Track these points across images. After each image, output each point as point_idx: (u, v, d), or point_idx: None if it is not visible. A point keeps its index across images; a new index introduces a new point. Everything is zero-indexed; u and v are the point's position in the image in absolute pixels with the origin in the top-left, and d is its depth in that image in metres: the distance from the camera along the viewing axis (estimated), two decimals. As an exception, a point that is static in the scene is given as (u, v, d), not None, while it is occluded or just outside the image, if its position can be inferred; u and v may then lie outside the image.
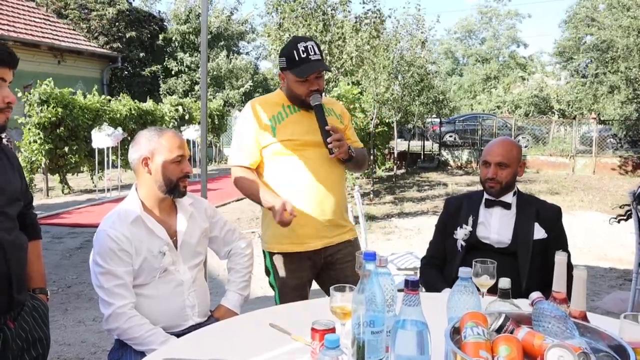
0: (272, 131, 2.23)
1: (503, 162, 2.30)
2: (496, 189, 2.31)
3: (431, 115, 18.03)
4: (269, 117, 2.25)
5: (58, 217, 8.02)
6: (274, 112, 2.26)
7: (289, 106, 2.28)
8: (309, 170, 2.24)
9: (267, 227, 2.36)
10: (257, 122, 2.25)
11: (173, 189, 1.96)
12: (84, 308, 4.31)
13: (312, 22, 8.19)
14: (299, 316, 1.75)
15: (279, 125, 2.24)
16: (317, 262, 2.32)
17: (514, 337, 1.17)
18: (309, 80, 2.18)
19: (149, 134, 1.97)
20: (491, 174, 2.30)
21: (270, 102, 2.31)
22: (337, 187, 2.33)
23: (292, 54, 2.17)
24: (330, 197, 2.27)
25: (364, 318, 1.28)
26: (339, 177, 2.36)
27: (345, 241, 2.35)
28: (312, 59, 2.16)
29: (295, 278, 2.30)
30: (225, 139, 18.04)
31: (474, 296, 1.38)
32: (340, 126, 2.36)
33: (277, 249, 2.31)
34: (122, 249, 1.88)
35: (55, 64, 16.04)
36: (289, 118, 2.26)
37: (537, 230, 2.27)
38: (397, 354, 1.17)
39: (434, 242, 2.52)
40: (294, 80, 2.20)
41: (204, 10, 3.32)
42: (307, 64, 2.16)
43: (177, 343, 1.71)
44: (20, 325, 1.70)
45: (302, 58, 2.16)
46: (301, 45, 2.17)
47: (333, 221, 2.30)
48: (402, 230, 7.38)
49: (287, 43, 2.28)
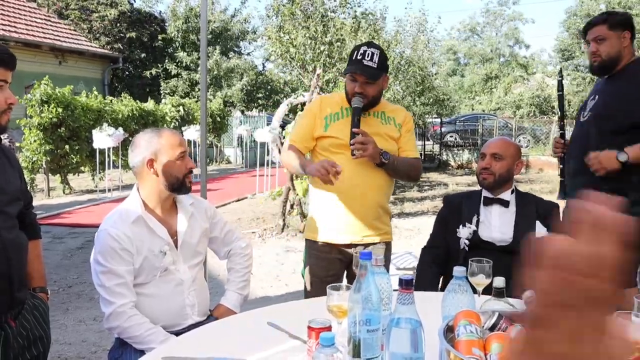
0: (324, 126, 2.39)
1: (498, 154, 2.34)
2: (489, 180, 2.33)
3: (432, 116, 18.04)
4: (327, 114, 2.41)
5: (59, 217, 8.05)
6: (333, 110, 2.42)
7: (346, 108, 2.40)
8: (349, 171, 2.31)
9: (309, 215, 2.57)
10: (316, 114, 2.43)
11: (180, 185, 1.99)
12: (84, 308, 4.33)
13: (311, 25, 8.22)
14: (296, 315, 1.77)
15: (332, 123, 2.39)
16: (348, 258, 2.42)
17: (506, 335, 1.18)
18: (357, 81, 2.29)
19: (148, 136, 1.99)
20: (485, 164, 2.34)
21: (333, 101, 2.48)
22: (376, 191, 2.41)
23: (352, 54, 2.34)
24: (366, 198, 2.37)
25: (360, 317, 1.30)
26: (380, 182, 2.41)
27: (376, 242, 2.43)
28: (364, 63, 2.27)
29: (323, 269, 2.42)
30: (226, 139, 18.06)
31: (468, 295, 1.40)
32: (396, 134, 2.44)
33: (309, 236, 2.49)
34: (123, 248, 1.90)
35: (57, 64, 16.08)
36: (344, 120, 2.38)
37: (538, 227, 2.27)
38: (392, 351, 1.19)
39: (434, 233, 2.53)
40: (347, 78, 2.37)
41: (204, 10, 3.34)
42: (356, 65, 2.29)
43: (175, 341, 1.73)
44: (21, 323, 1.72)
45: (357, 60, 2.29)
46: (362, 48, 2.31)
47: (366, 221, 2.40)
48: (402, 230, 7.39)
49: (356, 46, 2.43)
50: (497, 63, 36.23)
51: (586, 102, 2.64)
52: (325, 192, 2.37)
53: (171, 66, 20.62)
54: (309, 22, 8.28)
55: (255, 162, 11.55)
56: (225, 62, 20.60)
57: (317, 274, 2.44)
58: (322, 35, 8.26)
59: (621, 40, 2.45)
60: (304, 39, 8.05)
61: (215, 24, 21.66)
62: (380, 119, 2.42)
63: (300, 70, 8.42)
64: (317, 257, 2.45)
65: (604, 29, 2.45)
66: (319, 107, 2.44)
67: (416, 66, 11.41)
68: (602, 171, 2.36)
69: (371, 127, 2.33)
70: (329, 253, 2.42)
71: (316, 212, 2.48)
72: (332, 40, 8.29)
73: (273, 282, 5.01)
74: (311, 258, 2.48)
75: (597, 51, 2.47)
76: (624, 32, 2.45)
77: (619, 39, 2.45)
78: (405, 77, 11.10)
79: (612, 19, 2.46)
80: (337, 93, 2.60)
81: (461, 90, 35.21)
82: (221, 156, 18.00)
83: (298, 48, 8.13)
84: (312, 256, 2.47)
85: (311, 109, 2.48)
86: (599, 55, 2.47)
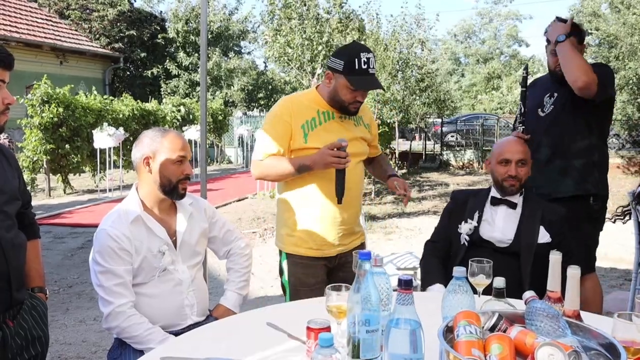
0: (303, 137, 2.21)
1: (523, 159, 2.31)
2: (516, 187, 2.30)
3: (433, 116, 18.02)
4: (302, 122, 2.22)
5: (60, 217, 8.05)
6: (307, 116, 2.23)
7: (323, 112, 2.25)
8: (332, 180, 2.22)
9: (282, 226, 2.38)
10: (290, 122, 2.22)
11: (172, 190, 1.96)
12: (85, 308, 4.33)
13: (307, 26, 8.23)
14: (295, 315, 1.76)
15: (311, 132, 2.22)
16: (331, 264, 2.38)
17: (506, 336, 1.18)
18: (359, 91, 2.19)
19: (153, 134, 1.98)
20: (514, 172, 2.28)
21: (304, 105, 2.27)
22: (357, 198, 2.40)
23: (352, 61, 2.13)
24: (350, 207, 2.32)
25: (359, 317, 1.29)
26: (359, 187, 2.42)
27: (357, 245, 2.41)
28: (370, 73, 2.15)
29: (311, 276, 2.33)
30: (227, 139, 18.06)
31: (468, 295, 1.39)
32: (368, 136, 2.40)
33: (293, 250, 2.33)
34: (122, 248, 1.89)
35: (58, 64, 16.10)
36: (322, 126, 2.24)
37: (541, 234, 2.26)
38: (391, 352, 1.18)
39: (439, 227, 2.52)
40: (344, 86, 2.16)
41: (204, 10, 3.33)
42: (366, 78, 2.14)
43: (174, 341, 1.73)
44: (20, 323, 1.72)
45: (362, 69, 2.12)
46: (364, 56, 2.13)
47: (349, 229, 2.37)
48: (403, 230, 7.39)
49: (349, 48, 2.26)
50: (499, 62, 36.21)
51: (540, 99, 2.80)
52: (311, 197, 2.26)
53: (172, 66, 20.64)
54: (305, 24, 8.28)
55: (256, 162, 11.53)
56: (226, 63, 20.60)
57: (304, 282, 2.32)
58: (318, 36, 8.27)
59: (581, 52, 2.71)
60: (301, 40, 8.06)
61: (216, 25, 21.67)
62: (354, 121, 2.33)
63: (298, 71, 8.43)
64: (303, 266, 2.32)
65: None
66: (290, 114, 2.22)
67: (414, 65, 11.38)
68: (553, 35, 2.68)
69: (349, 132, 2.26)
70: (316, 261, 2.33)
71: (301, 220, 2.30)
72: (329, 40, 8.30)
73: (273, 282, 5.00)
74: (296, 267, 2.33)
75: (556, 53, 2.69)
76: (580, 46, 2.72)
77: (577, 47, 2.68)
78: (404, 76, 11.09)
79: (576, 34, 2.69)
80: (304, 94, 2.34)
81: (461, 90, 35.19)
82: (222, 156, 18.01)
83: (295, 49, 8.14)
84: (297, 265, 2.33)
85: (281, 117, 2.23)
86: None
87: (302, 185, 2.28)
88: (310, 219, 2.29)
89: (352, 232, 2.39)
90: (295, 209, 2.31)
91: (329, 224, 2.29)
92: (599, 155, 2.75)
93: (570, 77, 2.56)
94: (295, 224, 2.31)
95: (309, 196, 2.27)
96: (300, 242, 2.31)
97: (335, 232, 2.31)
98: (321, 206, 2.27)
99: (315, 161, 2.15)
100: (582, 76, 2.51)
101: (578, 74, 2.53)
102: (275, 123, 2.25)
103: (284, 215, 2.36)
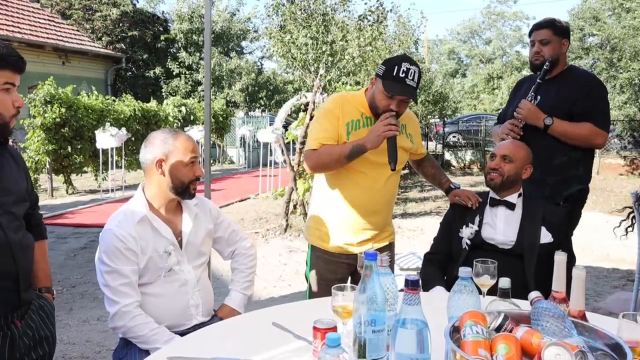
0: (346, 133, 2.28)
1: (508, 156, 2.33)
2: (496, 181, 2.32)
3: (434, 116, 18.01)
4: (348, 120, 2.28)
5: (62, 217, 8.07)
6: (353, 116, 2.29)
7: (367, 117, 2.30)
8: (365, 187, 2.32)
9: (311, 219, 2.49)
10: (339, 117, 2.28)
11: (184, 190, 1.99)
12: (88, 307, 4.34)
13: (312, 24, 8.22)
14: (301, 315, 1.77)
15: (353, 131, 2.28)
16: (355, 262, 2.38)
17: (512, 336, 1.18)
18: (394, 99, 2.19)
19: (164, 136, 1.99)
20: (494, 165, 2.33)
21: (353, 105, 2.33)
22: (388, 204, 2.46)
23: (393, 67, 2.17)
24: (379, 214, 2.39)
25: (365, 317, 1.30)
26: (392, 195, 2.47)
27: (383, 245, 2.45)
28: (407, 83, 2.17)
29: (331, 272, 2.41)
30: (229, 140, 18.07)
31: (474, 295, 1.39)
32: (409, 145, 2.42)
33: (317, 244, 2.43)
34: (128, 248, 1.90)
35: (60, 64, 16.12)
36: (365, 129, 2.27)
37: (543, 234, 2.27)
38: (398, 352, 1.19)
39: (437, 238, 2.54)
40: (381, 91, 2.21)
41: (207, 9, 3.34)
42: (400, 84, 2.16)
43: (180, 341, 1.73)
44: (27, 323, 1.73)
45: (399, 77, 2.16)
46: (405, 65, 2.16)
47: (381, 226, 2.43)
48: (405, 230, 7.40)
49: (395, 56, 2.32)
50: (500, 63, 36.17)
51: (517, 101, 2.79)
52: (342, 199, 2.33)
53: (173, 66, 20.65)
54: (310, 21, 8.26)
55: (258, 162, 11.57)
56: (227, 63, 20.62)
57: (325, 277, 2.40)
58: (323, 35, 8.25)
59: (561, 46, 2.74)
60: (305, 38, 8.04)
61: (218, 25, 21.69)
62: None
63: (302, 71, 8.42)
64: (325, 261, 2.41)
65: (550, 33, 2.72)
66: (341, 109, 2.29)
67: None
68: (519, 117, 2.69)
69: None
70: (338, 257, 2.40)
71: (329, 218, 2.39)
72: (335, 40, 8.28)
73: (276, 282, 5.01)
74: (319, 261, 2.44)
75: (540, 52, 2.73)
76: (564, 40, 2.75)
77: (560, 44, 2.74)
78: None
79: (557, 26, 2.74)
80: (354, 95, 2.39)
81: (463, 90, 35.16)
82: (224, 156, 18.02)
83: (300, 48, 8.12)
84: (321, 259, 2.43)
85: (332, 111, 2.30)
86: (542, 55, 2.73)
87: (335, 184, 2.36)
88: (337, 219, 2.38)
89: (382, 230, 2.44)
90: (325, 206, 2.42)
91: (355, 226, 2.36)
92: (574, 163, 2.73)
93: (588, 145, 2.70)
94: (322, 220, 2.41)
95: (340, 198, 2.35)
96: (325, 237, 2.40)
97: (360, 234, 2.38)
98: (350, 210, 2.34)
99: (367, 139, 2.17)
100: (595, 141, 2.68)
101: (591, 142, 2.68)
102: (328, 116, 2.31)
103: (314, 210, 2.48)
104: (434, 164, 2.68)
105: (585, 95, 2.67)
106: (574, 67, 2.91)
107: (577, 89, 2.69)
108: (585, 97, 2.66)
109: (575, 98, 2.66)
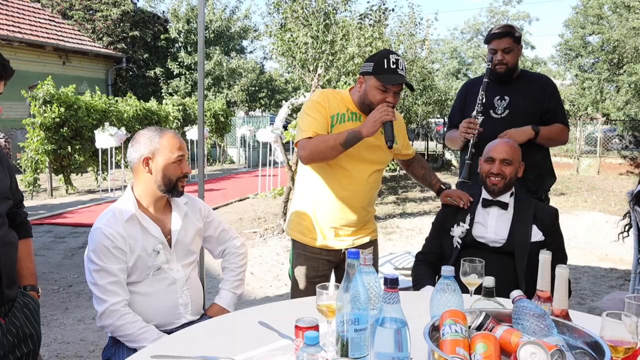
0: (330, 126, 2.28)
1: (507, 159, 2.32)
2: (500, 185, 2.31)
3: (435, 116, 17.98)
4: (333, 113, 2.29)
5: (61, 217, 8.07)
6: (338, 110, 2.30)
7: (352, 113, 2.31)
8: (346, 183, 2.31)
9: (293, 212, 2.48)
10: (326, 109, 2.29)
11: (172, 188, 1.99)
12: (84, 307, 4.34)
13: (313, 22, 8.20)
14: (287, 314, 1.77)
15: (337, 125, 2.28)
16: (336, 259, 2.42)
17: (491, 335, 1.18)
18: (389, 91, 2.20)
19: (150, 134, 1.99)
20: (496, 170, 2.31)
21: (338, 100, 2.34)
22: (370, 201, 2.44)
23: (381, 61, 2.19)
24: (362, 210, 2.39)
25: (348, 316, 1.30)
26: (374, 192, 2.45)
27: (365, 242, 2.45)
28: (399, 72, 2.20)
29: (312, 270, 2.40)
30: (229, 139, 18.08)
31: (456, 294, 1.39)
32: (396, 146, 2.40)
33: (298, 238, 2.42)
34: (116, 247, 1.90)
35: (60, 64, 16.15)
36: (348, 123, 2.28)
37: (534, 232, 2.28)
38: (377, 351, 1.19)
39: (429, 238, 2.54)
40: (374, 87, 2.21)
41: (201, 9, 3.34)
42: (394, 75, 2.19)
43: (166, 340, 1.73)
44: (11, 321, 1.73)
45: (391, 68, 2.18)
46: (393, 57, 2.20)
47: (362, 223, 2.43)
48: (403, 230, 7.39)
49: (379, 52, 2.34)
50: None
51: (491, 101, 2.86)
52: (323, 194, 2.33)
53: (173, 66, 20.65)
54: (311, 20, 8.24)
55: (258, 162, 11.56)
56: (227, 63, 20.61)
57: (306, 274, 2.40)
58: (323, 34, 8.23)
59: (519, 52, 2.87)
60: (305, 37, 8.02)
61: (217, 23, 21.67)
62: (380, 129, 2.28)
63: (301, 70, 8.40)
64: (307, 258, 2.40)
65: (510, 41, 2.80)
66: (327, 102, 2.30)
67: (416, 65, 11.37)
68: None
69: (374, 138, 2.23)
70: (319, 254, 2.40)
71: (310, 213, 2.39)
72: (335, 39, 8.26)
73: (273, 281, 5.01)
74: (299, 258, 2.42)
75: (503, 59, 2.81)
76: (519, 46, 2.87)
77: (518, 51, 2.86)
78: (408, 77, 11.07)
79: (516, 35, 2.83)
80: (339, 92, 2.40)
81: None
82: (224, 156, 18.03)
83: (300, 47, 8.10)
84: (301, 257, 2.42)
85: (320, 103, 2.30)
86: (505, 63, 2.81)
87: (317, 179, 2.35)
88: (318, 214, 2.37)
89: (364, 226, 2.44)
90: (306, 201, 2.41)
91: (336, 222, 2.35)
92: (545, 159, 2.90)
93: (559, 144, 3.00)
94: (303, 215, 2.41)
95: (321, 193, 2.34)
96: (306, 232, 2.39)
97: (340, 230, 2.37)
98: (331, 205, 2.34)
99: (363, 125, 2.17)
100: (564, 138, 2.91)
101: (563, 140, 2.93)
102: (317, 107, 2.30)
103: (296, 204, 2.47)
104: (423, 165, 2.67)
105: (549, 96, 2.85)
106: (524, 70, 3.02)
107: (540, 90, 2.84)
108: (549, 98, 2.84)
109: (542, 99, 2.82)
